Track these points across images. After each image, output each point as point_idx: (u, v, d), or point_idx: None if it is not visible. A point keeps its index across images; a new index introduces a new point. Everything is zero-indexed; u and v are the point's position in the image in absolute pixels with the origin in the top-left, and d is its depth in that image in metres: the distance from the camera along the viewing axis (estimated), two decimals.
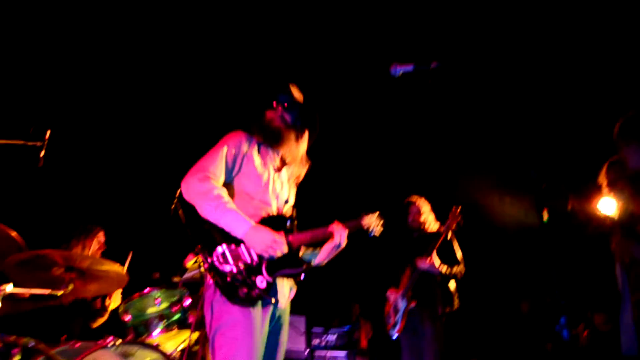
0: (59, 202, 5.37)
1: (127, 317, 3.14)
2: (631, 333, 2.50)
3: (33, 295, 3.42)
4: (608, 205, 2.76)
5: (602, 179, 2.77)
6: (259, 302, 2.16)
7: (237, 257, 2.18)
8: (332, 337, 5.84)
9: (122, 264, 3.05)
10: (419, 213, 4.39)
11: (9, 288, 2.37)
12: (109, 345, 2.59)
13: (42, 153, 2.85)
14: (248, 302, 2.12)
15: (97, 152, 5.78)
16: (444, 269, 4.08)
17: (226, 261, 2.16)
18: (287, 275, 2.30)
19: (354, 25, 5.36)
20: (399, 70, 1.99)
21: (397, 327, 4.12)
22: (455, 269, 4.16)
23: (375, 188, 6.41)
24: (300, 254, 2.39)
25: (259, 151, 2.41)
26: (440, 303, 4.10)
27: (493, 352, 6.98)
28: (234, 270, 2.15)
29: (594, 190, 2.84)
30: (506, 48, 5.31)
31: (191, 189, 2.20)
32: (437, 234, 4.21)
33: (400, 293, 4.18)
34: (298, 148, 2.47)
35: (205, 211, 2.18)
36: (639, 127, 2.57)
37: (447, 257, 4.19)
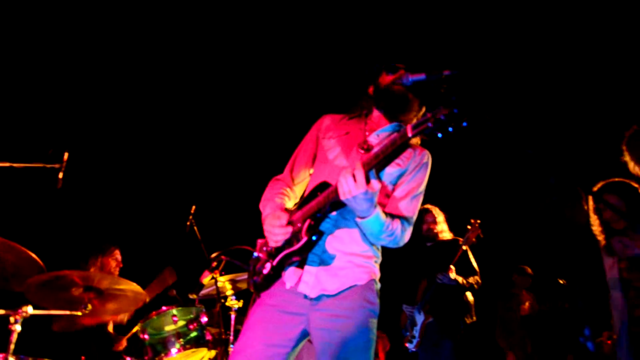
0: (77, 223, 5.45)
1: (145, 336, 3.14)
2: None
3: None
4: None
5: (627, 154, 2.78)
6: (276, 291, 1.92)
7: (261, 247, 2.04)
8: None
9: (142, 283, 3.06)
10: (434, 222, 4.35)
11: (30, 310, 2.40)
12: None
13: (61, 175, 2.90)
14: (256, 289, 1.99)
15: (114, 172, 5.87)
16: (460, 279, 4.03)
17: (256, 249, 2.08)
18: (290, 257, 1.88)
19: (365, 36, 5.39)
20: (411, 79, 1.97)
21: (415, 342, 4.06)
22: (472, 280, 4.10)
23: None
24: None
25: None
26: (459, 316, 4.04)
27: None
28: (255, 256, 2.05)
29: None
30: (518, 55, 5.29)
31: None
32: (453, 246, 4.16)
33: (417, 306, 4.12)
34: None
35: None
36: None
37: (463, 268, 4.13)
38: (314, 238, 1.82)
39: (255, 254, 2.07)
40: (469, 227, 4.14)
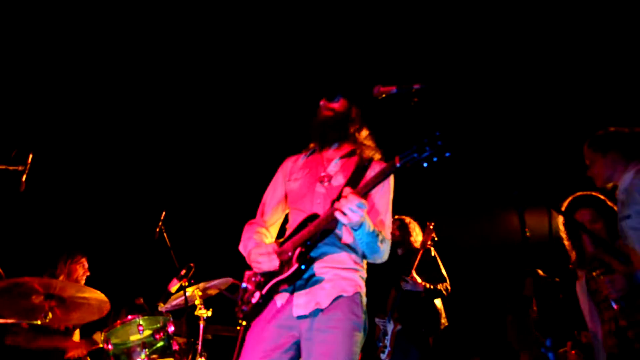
0: (40, 228, 5.27)
1: (109, 346, 3.05)
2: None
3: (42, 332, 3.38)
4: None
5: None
6: (269, 313, 2.01)
7: (249, 278, 2.15)
8: None
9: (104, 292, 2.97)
10: (405, 231, 4.40)
11: None
12: None
13: (24, 177, 2.80)
14: (245, 318, 2.07)
15: (80, 175, 5.71)
16: (426, 285, 4.08)
17: (244, 280, 2.18)
18: (280, 284, 1.99)
19: (337, 47, 5.45)
20: (382, 92, 2.01)
21: (387, 351, 4.08)
22: (440, 286, 4.15)
23: None
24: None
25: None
26: (426, 322, 4.08)
27: None
28: (243, 286, 2.15)
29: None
30: (488, 68, 5.43)
31: None
32: (415, 251, 4.22)
33: (387, 316, 4.15)
34: None
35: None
36: (610, 140, 2.68)
37: (432, 275, 4.19)
38: (302, 267, 1.95)
39: (244, 284, 2.16)
40: (425, 230, 4.25)
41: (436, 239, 4.26)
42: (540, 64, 5.35)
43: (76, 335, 3.73)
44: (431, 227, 4.25)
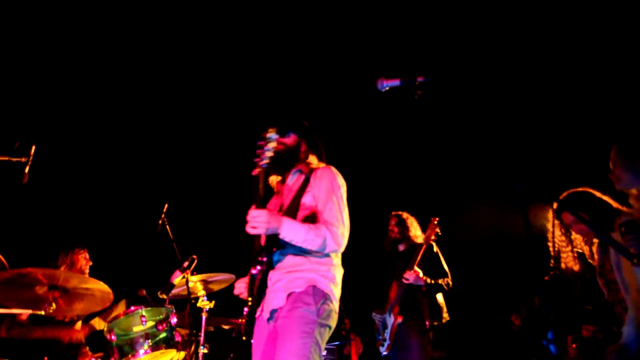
0: (43, 220, 5.28)
1: (112, 337, 3.06)
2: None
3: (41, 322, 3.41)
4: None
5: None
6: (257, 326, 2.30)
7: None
8: (322, 353, 5.78)
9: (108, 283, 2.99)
10: (403, 226, 4.40)
11: None
12: None
13: (27, 169, 2.80)
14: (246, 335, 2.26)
15: (83, 167, 5.71)
16: (427, 279, 4.09)
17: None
18: (261, 285, 2.28)
19: (340, 41, 5.42)
20: (386, 85, 2.00)
21: (386, 344, 4.10)
22: (442, 281, 4.16)
23: (361, 204, 6.40)
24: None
25: None
26: (427, 316, 4.09)
27: None
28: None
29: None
30: (492, 59, 5.40)
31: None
32: (418, 247, 4.23)
33: (387, 309, 4.17)
34: None
35: None
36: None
37: (434, 270, 4.20)
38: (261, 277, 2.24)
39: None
40: (429, 225, 4.25)
41: (440, 234, 4.26)
42: (545, 56, 5.32)
43: (78, 326, 3.75)
44: (435, 222, 4.26)
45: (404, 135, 6.21)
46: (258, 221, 2.12)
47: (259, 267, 2.24)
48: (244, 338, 2.23)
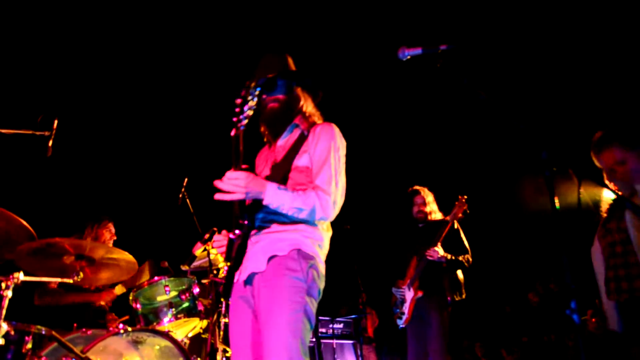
0: (67, 191, 5.40)
1: (137, 305, 3.16)
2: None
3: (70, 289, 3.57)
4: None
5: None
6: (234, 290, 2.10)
7: None
8: (338, 326, 5.87)
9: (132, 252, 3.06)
10: (424, 203, 4.38)
11: (21, 276, 2.39)
12: (121, 332, 2.62)
13: (50, 142, 2.85)
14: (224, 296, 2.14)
15: (105, 141, 5.80)
16: (448, 256, 4.09)
17: None
18: (240, 249, 2.01)
19: (362, 9, 5.30)
20: (407, 53, 1.95)
21: (405, 318, 4.13)
22: (462, 258, 4.16)
23: (379, 178, 6.38)
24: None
25: None
26: (447, 291, 4.10)
27: (497, 339, 6.98)
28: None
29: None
30: (516, 30, 5.24)
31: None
32: (442, 223, 4.20)
33: (407, 284, 4.18)
34: None
35: None
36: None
37: (455, 247, 4.19)
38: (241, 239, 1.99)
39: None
40: (456, 203, 4.20)
41: (468, 212, 4.19)
42: (567, 22, 5.13)
43: (106, 294, 3.89)
44: (463, 200, 4.20)
45: (425, 106, 6.10)
46: (236, 184, 1.91)
47: (237, 231, 1.96)
48: (222, 300, 2.13)
